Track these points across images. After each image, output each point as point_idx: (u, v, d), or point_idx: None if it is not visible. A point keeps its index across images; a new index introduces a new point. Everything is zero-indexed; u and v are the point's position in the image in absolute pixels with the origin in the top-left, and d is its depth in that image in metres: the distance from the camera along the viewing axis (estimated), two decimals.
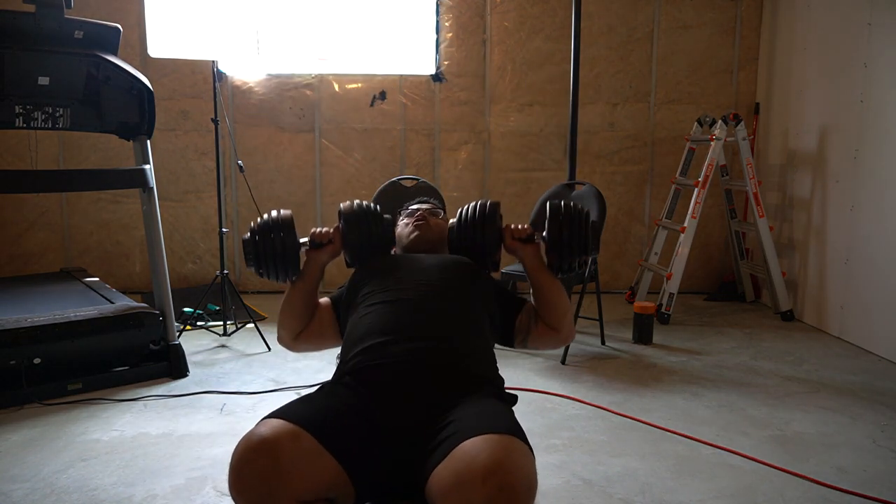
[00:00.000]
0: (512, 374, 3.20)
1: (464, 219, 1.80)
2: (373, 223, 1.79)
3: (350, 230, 1.78)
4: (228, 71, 4.66)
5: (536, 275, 1.76)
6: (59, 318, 2.93)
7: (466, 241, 1.80)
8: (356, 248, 1.79)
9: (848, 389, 3.08)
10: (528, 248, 1.77)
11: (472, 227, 1.78)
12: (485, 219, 1.78)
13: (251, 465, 1.23)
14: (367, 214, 1.79)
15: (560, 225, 1.70)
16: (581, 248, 1.71)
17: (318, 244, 1.80)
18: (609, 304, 4.43)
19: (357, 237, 1.78)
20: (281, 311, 1.83)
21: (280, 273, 1.77)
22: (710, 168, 4.25)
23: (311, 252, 1.81)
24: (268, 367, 3.30)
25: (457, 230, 1.82)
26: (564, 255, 1.71)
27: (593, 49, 4.73)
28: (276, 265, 1.75)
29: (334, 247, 1.81)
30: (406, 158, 4.83)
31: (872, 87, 3.64)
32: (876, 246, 3.60)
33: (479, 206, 1.80)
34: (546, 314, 1.75)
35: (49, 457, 2.34)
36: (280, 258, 1.74)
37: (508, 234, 1.78)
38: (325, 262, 1.82)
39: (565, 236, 1.69)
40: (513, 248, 1.78)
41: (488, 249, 1.79)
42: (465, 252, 1.81)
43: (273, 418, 1.32)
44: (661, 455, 2.41)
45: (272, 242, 1.73)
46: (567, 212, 1.71)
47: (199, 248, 4.84)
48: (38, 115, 2.91)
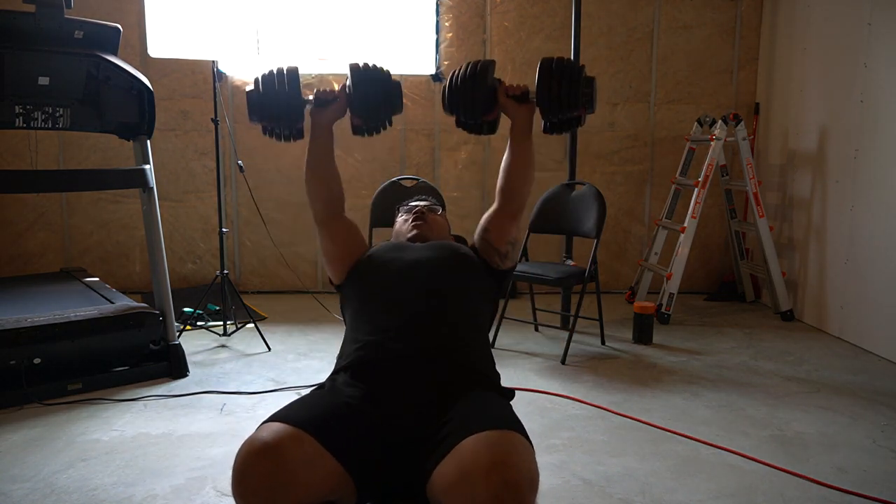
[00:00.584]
0: (512, 374, 3.21)
1: (456, 76, 1.74)
2: (380, 82, 1.74)
3: (357, 87, 1.72)
4: (228, 71, 4.66)
5: (520, 136, 1.75)
6: (59, 318, 2.93)
7: (459, 99, 1.74)
8: (362, 105, 1.74)
9: (848, 389, 3.08)
10: (521, 107, 1.74)
11: (464, 85, 1.72)
12: (476, 75, 1.72)
13: (254, 470, 1.22)
14: (374, 73, 1.74)
15: (551, 77, 1.67)
16: (573, 102, 1.68)
17: (324, 101, 1.76)
18: (609, 304, 4.43)
19: (364, 94, 1.73)
20: (306, 183, 1.80)
21: (284, 125, 1.74)
22: (710, 168, 4.25)
23: (315, 112, 1.77)
24: (268, 367, 3.30)
25: (449, 88, 1.75)
26: (554, 109, 1.69)
27: (593, 49, 4.73)
28: (281, 117, 1.71)
29: (340, 105, 1.76)
30: (406, 158, 4.82)
31: (872, 87, 3.64)
32: (876, 246, 3.60)
33: (472, 63, 1.74)
34: (509, 178, 1.75)
35: (49, 457, 2.34)
36: (285, 111, 1.70)
37: (503, 90, 1.75)
38: (332, 120, 1.78)
39: (555, 90, 1.67)
40: (506, 105, 1.74)
41: (480, 107, 1.74)
42: (459, 110, 1.75)
43: (274, 422, 1.32)
44: (661, 455, 2.41)
45: (276, 95, 1.69)
46: (559, 64, 1.68)
47: (199, 248, 4.84)
48: (38, 115, 2.90)
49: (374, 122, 1.80)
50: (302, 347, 3.62)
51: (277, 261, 4.76)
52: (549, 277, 3.50)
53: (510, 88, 1.74)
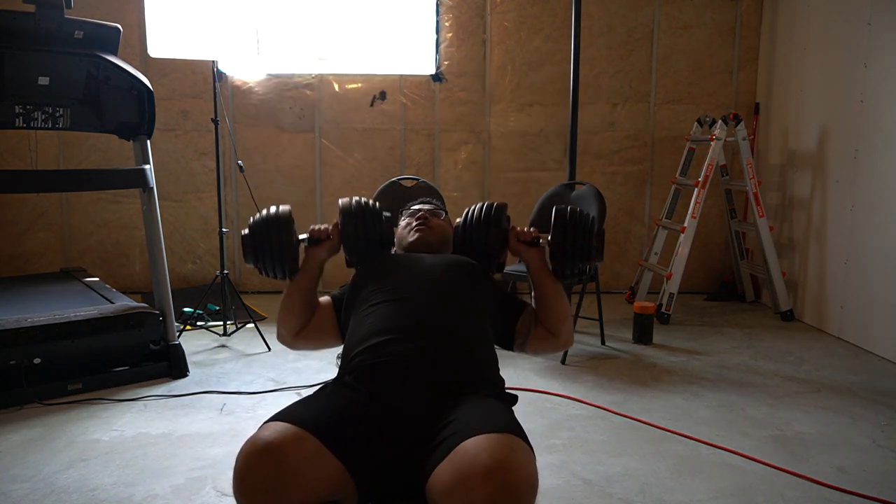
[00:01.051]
0: (512, 374, 3.20)
1: (470, 219, 1.80)
2: (371, 220, 1.78)
3: (348, 227, 1.77)
4: (228, 71, 4.66)
5: (539, 278, 1.76)
6: (59, 318, 2.93)
7: (472, 242, 1.80)
8: (354, 244, 1.79)
9: (848, 389, 3.08)
10: (532, 251, 1.78)
11: (479, 227, 1.78)
12: (490, 220, 1.78)
13: (256, 470, 1.22)
14: (365, 211, 1.78)
15: (565, 230, 1.70)
16: (585, 255, 1.71)
17: (317, 241, 1.80)
18: (609, 304, 4.43)
19: (355, 234, 1.77)
20: (280, 309, 1.83)
21: (278, 270, 1.77)
22: (710, 168, 4.25)
23: (309, 249, 1.81)
24: (268, 367, 3.30)
25: (462, 230, 1.81)
26: (568, 261, 1.72)
27: (593, 49, 4.73)
28: (274, 262, 1.75)
29: (332, 243, 1.80)
30: (406, 158, 4.83)
31: (872, 87, 3.64)
32: (876, 246, 3.60)
33: (486, 206, 1.80)
34: (546, 318, 1.75)
35: (49, 457, 2.34)
36: (278, 255, 1.74)
37: (514, 236, 1.79)
38: (324, 258, 1.82)
39: (569, 242, 1.69)
40: (517, 250, 1.79)
41: (493, 251, 1.79)
42: (470, 252, 1.81)
43: (276, 421, 1.32)
44: (661, 455, 2.41)
45: (269, 239, 1.72)
46: (573, 217, 1.71)
47: (199, 248, 4.84)
48: (38, 115, 2.90)
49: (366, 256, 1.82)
50: None
51: None
52: None
53: (521, 234, 1.79)
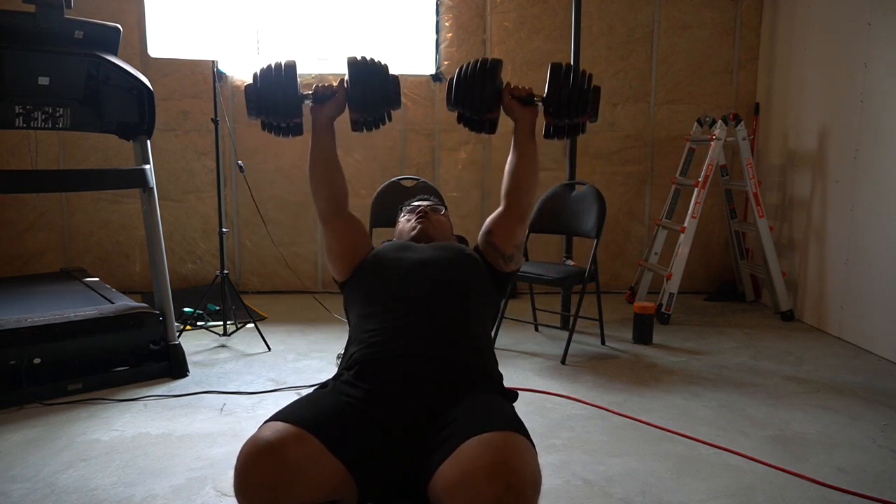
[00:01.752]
0: (512, 374, 3.20)
1: (464, 73, 1.76)
2: (377, 75, 1.74)
3: (356, 79, 1.73)
4: (228, 71, 4.66)
5: (523, 138, 1.76)
6: (59, 318, 2.93)
7: (465, 94, 1.75)
8: (360, 101, 1.75)
9: (848, 389, 3.08)
10: (525, 109, 1.76)
11: (472, 81, 1.74)
12: (485, 73, 1.74)
13: (257, 470, 1.22)
14: (371, 67, 1.74)
15: (561, 82, 1.69)
16: (579, 109, 1.71)
17: (322, 96, 1.76)
18: (609, 304, 4.43)
19: (361, 89, 1.73)
20: (310, 180, 1.80)
21: (280, 117, 1.74)
22: (710, 168, 4.25)
23: (314, 109, 1.77)
24: (268, 367, 3.30)
25: (456, 82, 1.76)
26: (563, 113, 1.71)
27: (593, 49, 4.73)
28: (277, 109, 1.72)
29: (338, 100, 1.76)
30: (406, 158, 4.82)
31: (872, 87, 3.64)
32: (876, 246, 3.60)
33: (482, 60, 1.76)
34: (514, 181, 1.75)
35: (49, 457, 2.34)
36: (282, 104, 1.71)
37: (508, 91, 1.76)
38: (332, 116, 1.78)
39: (565, 94, 1.69)
40: (510, 107, 1.76)
41: (486, 104, 1.76)
42: (463, 106, 1.76)
43: (277, 421, 1.32)
44: (661, 455, 2.41)
45: (273, 86, 1.70)
46: (569, 71, 1.70)
47: (199, 248, 4.84)
48: (38, 115, 2.90)
49: (372, 117, 1.80)
50: (302, 347, 3.62)
51: (277, 261, 4.76)
52: (549, 277, 3.51)
53: (516, 90, 1.76)
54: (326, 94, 1.76)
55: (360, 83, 1.73)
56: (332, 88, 1.76)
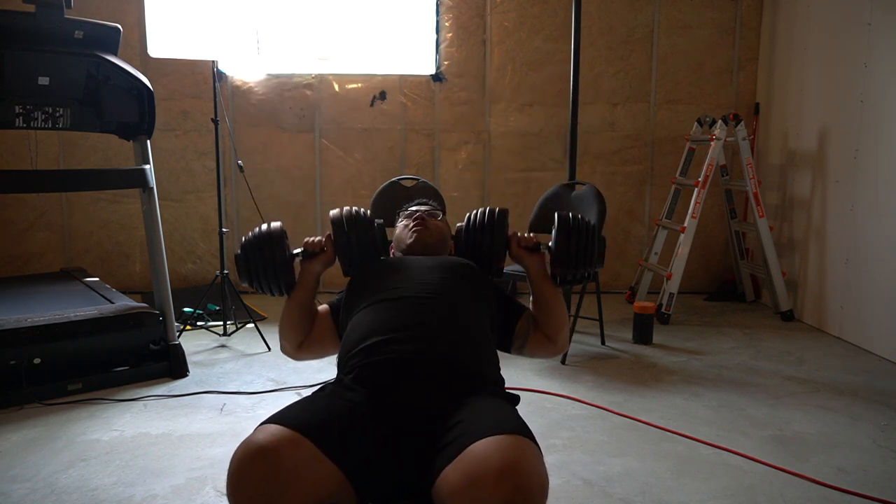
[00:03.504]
0: (512, 374, 3.20)
1: (472, 224, 1.82)
2: (362, 229, 1.79)
3: (341, 238, 1.78)
4: (228, 71, 4.66)
5: (539, 284, 1.78)
6: (59, 318, 2.93)
7: (473, 246, 1.81)
8: (348, 255, 1.79)
9: (848, 389, 3.08)
10: (533, 256, 1.80)
11: (481, 232, 1.80)
12: (493, 226, 1.79)
13: (249, 474, 1.22)
14: (356, 220, 1.79)
15: (568, 237, 1.71)
16: (586, 261, 1.73)
17: (311, 253, 1.81)
18: (609, 304, 4.43)
19: (347, 244, 1.78)
20: (280, 323, 1.84)
21: (273, 287, 1.78)
22: (710, 168, 4.25)
23: (305, 262, 1.82)
24: (268, 367, 3.30)
25: (464, 234, 1.83)
26: (569, 267, 1.73)
27: (593, 49, 4.73)
28: (269, 280, 1.76)
29: (327, 255, 1.82)
30: (406, 158, 4.83)
31: (872, 87, 3.64)
32: (876, 246, 3.60)
33: (489, 212, 1.82)
34: (544, 324, 1.77)
35: (49, 457, 2.34)
36: (272, 273, 1.75)
37: (514, 241, 1.81)
38: (320, 271, 1.84)
39: (571, 249, 1.71)
40: (518, 256, 1.81)
41: (494, 256, 1.80)
42: (471, 256, 1.82)
43: (271, 424, 1.31)
44: (661, 455, 2.41)
45: (262, 257, 1.74)
46: (574, 224, 1.73)
47: (199, 248, 4.84)
48: (38, 115, 2.90)
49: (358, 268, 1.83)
50: None
51: None
52: None
53: (522, 240, 1.81)
54: (315, 250, 1.81)
55: (343, 240, 1.78)
56: (321, 243, 1.81)
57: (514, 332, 1.78)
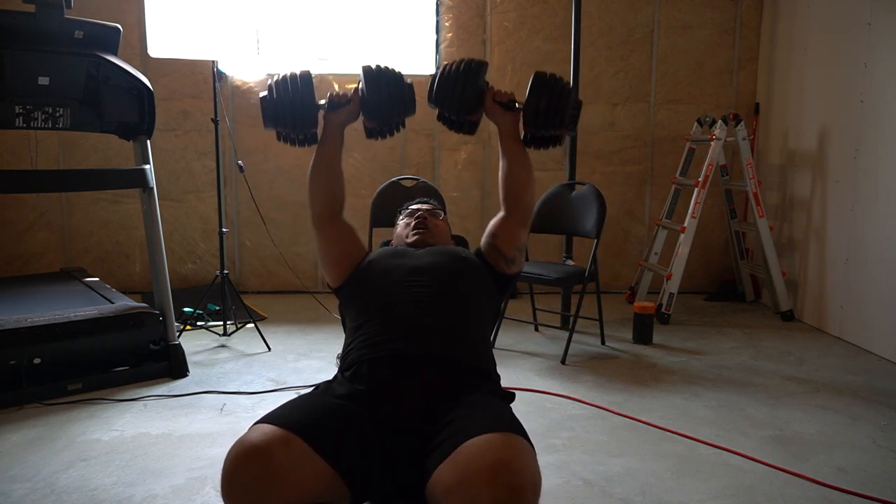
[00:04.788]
0: (512, 374, 3.20)
1: (447, 72, 1.75)
2: (394, 83, 1.75)
3: (372, 86, 1.73)
4: (228, 71, 4.66)
5: (508, 143, 1.76)
6: (59, 318, 2.93)
7: (447, 95, 1.74)
8: (377, 106, 1.75)
9: (848, 389, 3.08)
10: (507, 114, 1.76)
11: (456, 79, 1.73)
12: (469, 74, 1.73)
13: (242, 473, 1.23)
14: (388, 74, 1.75)
15: (541, 93, 1.68)
16: (558, 121, 1.70)
17: (337, 104, 1.77)
18: (609, 304, 4.43)
19: (378, 96, 1.73)
20: (309, 185, 1.80)
21: (299, 129, 1.75)
22: (710, 168, 4.25)
23: (328, 114, 1.78)
24: (268, 367, 3.30)
25: (439, 80, 1.75)
26: (539, 124, 1.70)
27: (593, 49, 4.73)
28: (296, 120, 1.73)
29: (353, 107, 1.78)
30: (406, 158, 4.82)
31: (872, 87, 3.64)
32: (876, 246, 3.60)
33: (466, 60, 1.75)
34: (508, 186, 1.76)
35: (49, 457, 2.34)
36: (300, 115, 1.72)
37: (490, 95, 1.76)
38: (344, 122, 1.80)
39: (543, 105, 1.68)
40: (492, 110, 1.76)
41: (467, 105, 1.74)
42: (445, 105, 1.75)
43: (264, 423, 1.31)
44: (661, 455, 2.41)
45: (291, 98, 1.71)
46: (551, 82, 1.70)
47: (199, 248, 4.84)
48: (38, 115, 2.90)
49: (387, 125, 1.81)
50: (302, 347, 3.62)
51: (277, 261, 4.76)
52: (549, 277, 3.51)
53: (498, 94, 1.76)
54: (341, 101, 1.77)
55: (376, 91, 1.73)
56: (347, 96, 1.77)
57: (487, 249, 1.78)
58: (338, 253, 1.79)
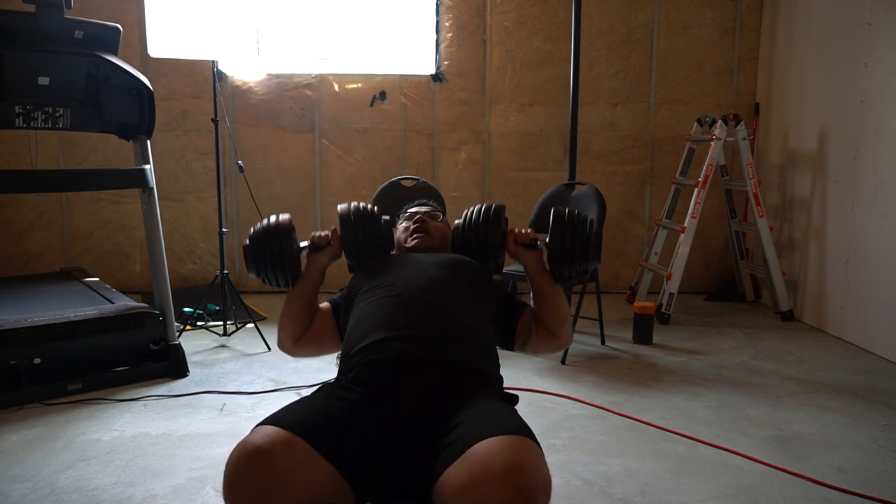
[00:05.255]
0: (512, 374, 3.20)
1: (469, 221, 1.82)
2: (370, 224, 1.80)
3: (347, 232, 1.79)
4: (228, 71, 4.66)
5: (538, 280, 1.78)
6: (59, 318, 2.93)
7: (470, 244, 1.82)
8: (355, 249, 1.81)
9: (848, 389, 3.08)
10: (530, 253, 1.79)
11: (477, 229, 1.80)
12: (489, 222, 1.79)
13: (245, 475, 1.22)
14: (364, 216, 1.80)
15: (563, 233, 1.72)
16: (582, 257, 1.73)
17: (318, 247, 1.83)
18: (609, 304, 4.43)
19: (355, 239, 1.79)
20: (281, 315, 1.84)
21: (280, 278, 1.80)
22: (710, 168, 4.25)
23: (311, 255, 1.83)
24: (268, 367, 3.30)
25: (461, 232, 1.83)
26: (565, 263, 1.73)
27: (593, 49, 4.73)
28: (276, 271, 1.77)
29: (333, 249, 1.83)
30: (406, 158, 4.83)
31: (872, 87, 3.64)
32: (876, 246, 3.60)
33: (485, 209, 1.82)
34: (546, 319, 1.76)
35: (49, 457, 2.34)
36: (279, 264, 1.76)
37: (512, 238, 1.81)
38: (326, 264, 1.85)
39: (567, 244, 1.71)
40: (515, 252, 1.81)
41: (492, 252, 1.81)
42: (468, 254, 1.82)
43: (267, 425, 1.31)
44: (661, 455, 2.41)
45: (271, 249, 1.75)
46: (570, 220, 1.73)
47: (199, 248, 4.84)
48: (38, 115, 2.90)
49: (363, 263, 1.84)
50: None
51: None
52: None
53: (519, 236, 1.80)
54: (322, 244, 1.83)
55: (352, 234, 1.79)
56: (328, 238, 1.83)
57: (515, 329, 1.78)
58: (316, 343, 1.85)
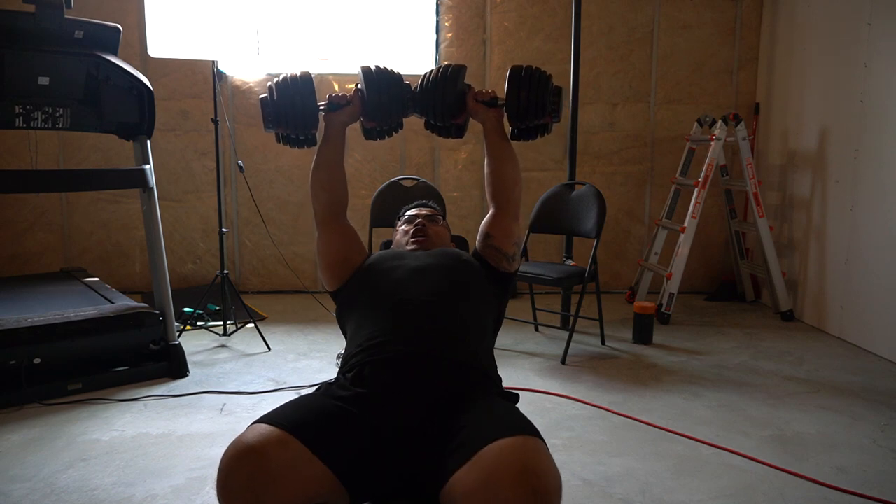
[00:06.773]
0: (512, 374, 3.20)
1: (427, 81, 1.80)
2: (393, 83, 1.78)
3: (371, 89, 1.76)
4: (228, 71, 4.66)
5: (493, 139, 1.79)
6: (59, 318, 2.93)
7: (429, 103, 1.79)
8: (377, 108, 1.78)
9: (848, 389, 3.08)
10: (490, 111, 1.79)
11: (435, 88, 1.78)
12: (447, 79, 1.78)
13: (237, 474, 1.22)
14: (386, 76, 1.78)
15: (519, 88, 1.73)
16: (539, 111, 1.74)
17: (337, 105, 1.80)
18: (609, 304, 4.43)
19: (378, 97, 1.77)
20: (311, 182, 1.81)
21: (301, 130, 1.77)
22: (710, 168, 4.25)
23: (329, 115, 1.81)
24: (268, 367, 3.30)
25: (420, 90, 1.80)
26: (521, 117, 1.75)
27: (593, 49, 4.73)
28: (297, 121, 1.75)
29: (353, 108, 1.80)
30: (406, 158, 4.82)
31: (872, 87, 3.64)
32: (876, 246, 3.60)
33: (443, 67, 1.80)
34: (497, 183, 1.78)
35: (49, 457, 2.34)
36: (301, 115, 1.74)
37: (472, 95, 1.81)
38: (346, 123, 1.82)
39: (523, 99, 1.72)
40: (475, 110, 1.80)
41: (450, 110, 1.79)
42: (429, 113, 1.80)
43: (261, 424, 1.31)
44: (661, 455, 2.41)
45: (292, 100, 1.73)
46: (527, 74, 1.74)
47: (199, 248, 4.84)
48: (38, 115, 2.90)
49: (386, 125, 1.84)
50: (302, 347, 3.62)
51: (277, 261, 4.76)
52: (549, 277, 3.50)
53: (479, 94, 1.81)
54: (341, 102, 1.80)
55: (376, 92, 1.76)
56: (347, 97, 1.80)
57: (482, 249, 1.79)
58: (339, 254, 1.79)
